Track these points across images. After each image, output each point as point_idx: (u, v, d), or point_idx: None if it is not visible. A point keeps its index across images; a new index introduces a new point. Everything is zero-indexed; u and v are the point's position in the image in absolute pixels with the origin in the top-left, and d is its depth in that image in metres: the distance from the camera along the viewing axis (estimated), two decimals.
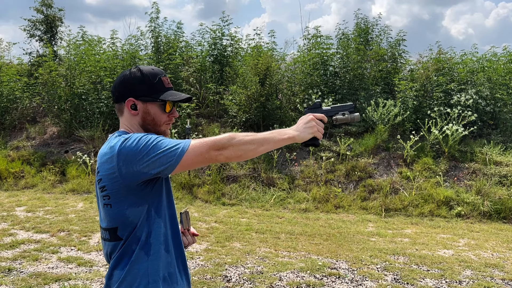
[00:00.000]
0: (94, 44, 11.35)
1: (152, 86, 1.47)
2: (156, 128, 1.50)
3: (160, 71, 1.51)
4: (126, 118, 1.51)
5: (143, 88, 1.47)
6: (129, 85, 1.47)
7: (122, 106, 1.50)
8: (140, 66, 1.50)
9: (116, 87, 1.51)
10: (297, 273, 4.28)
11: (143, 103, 1.48)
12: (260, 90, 9.06)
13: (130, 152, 1.34)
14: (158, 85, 1.48)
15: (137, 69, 1.49)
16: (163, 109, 1.49)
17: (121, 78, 1.50)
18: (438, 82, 9.37)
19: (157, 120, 1.50)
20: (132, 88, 1.47)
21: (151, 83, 1.47)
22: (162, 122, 1.51)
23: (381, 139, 8.62)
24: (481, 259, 4.87)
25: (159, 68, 1.54)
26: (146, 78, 1.47)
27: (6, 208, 6.86)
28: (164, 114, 1.50)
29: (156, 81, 1.48)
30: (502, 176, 7.44)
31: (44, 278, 4.00)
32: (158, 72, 1.50)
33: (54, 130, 10.43)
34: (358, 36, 11.05)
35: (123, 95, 1.48)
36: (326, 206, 7.25)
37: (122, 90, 1.49)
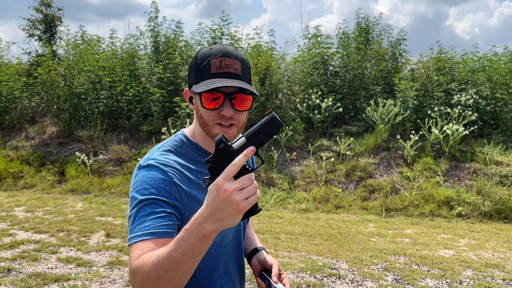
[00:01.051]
0: (93, 44, 11.32)
1: (198, 72, 1.11)
2: (207, 129, 1.14)
3: (218, 51, 1.10)
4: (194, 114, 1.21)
5: (192, 75, 1.14)
6: (188, 72, 1.17)
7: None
8: (202, 48, 1.16)
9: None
10: (297, 274, 4.26)
11: (194, 95, 1.15)
12: (260, 89, 9.04)
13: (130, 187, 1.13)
14: (204, 70, 1.09)
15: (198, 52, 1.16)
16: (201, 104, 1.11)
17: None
18: (439, 81, 9.35)
19: (205, 118, 1.13)
20: (188, 76, 1.17)
21: (197, 67, 1.11)
22: (210, 120, 1.12)
23: (381, 139, 8.60)
24: (481, 259, 4.85)
25: (225, 47, 1.11)
26: (195, 63, 1.13)
27: (5, 208, 6.83)
28: (206, 110, 1.11)
29: (204, 65, 1.10)
30: (503, 176, 7.42)
31: (43, 278, 3.97)
32: (214, 52, 1.11)
33: (53, 130, 10.40)
34: (359, 35, 11.03)
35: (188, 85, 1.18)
36: (326, 206, 7.23)
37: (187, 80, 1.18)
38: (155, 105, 9.61)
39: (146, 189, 1.05)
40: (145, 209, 1.03)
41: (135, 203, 1.05)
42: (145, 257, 0.95)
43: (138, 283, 0.95)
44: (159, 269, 0.91)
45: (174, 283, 0.92)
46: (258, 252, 1.37)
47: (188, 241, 0.89)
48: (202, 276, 1.16)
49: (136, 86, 9.91)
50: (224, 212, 0.86)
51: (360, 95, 9.76)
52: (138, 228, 1.01)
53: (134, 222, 1.02)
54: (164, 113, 9.67)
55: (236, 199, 0.85)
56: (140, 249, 0.98)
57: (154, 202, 1.03)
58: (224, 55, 1.09)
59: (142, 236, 0.99)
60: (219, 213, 0.86)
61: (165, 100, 9.71)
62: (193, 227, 0.89)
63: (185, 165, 1.13)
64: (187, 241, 0.89)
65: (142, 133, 9.56)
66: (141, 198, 1.04)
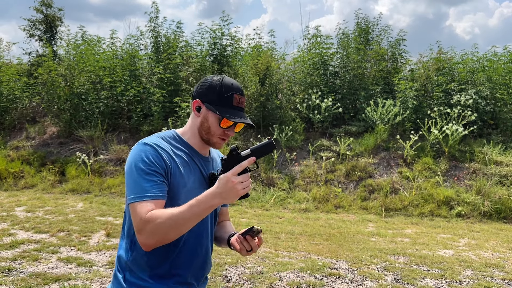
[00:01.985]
0: (94, 44, 11.34)
1: (222, 98, 1.48)
2: (208, 137, 1.52)
3: (238, 89, 1.52)
4: (191, 116, 1.56)
5: (213, 95, 1.49)
6: (204, 87, 1.51)
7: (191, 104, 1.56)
8: (225, 76, 1.53)
9: (196, 85, 1.56)
10: (297, 273, 4.27)
11: (207, 110, 1.50)
12: (260, 90, 9.05)
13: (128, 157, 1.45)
14: (227, 100, 1.49)
15: (220, 77, 1.52)
16: (219, 123, 1.49)
17: (203, 79, 1.55)
18: (438, 82, 9.36)
19: (212, 130, 1.51)
20: (203, 91, 1.51)
21: (221, 94, 1.48)
22: (216, 134, 1.51)
23: (381, 139, 8.62)
24: (481, 259, 4.86)
25: (240, 87, 1.55)
26: (219, 88, 1.49)
27: (6, 208, 6.85)
28: (219, 128, 1.50)
29: (227, 96, 1.49)
30: (502, 176, 7.44)
31: (43, 278, 3.99)
32: (235, 88, 1.51)
33: (54, 130, 10.42)
34: (359, 35, 11.05)
35: (196, 94, 1.53)
36: (326, 206, 7.25)
37: (197, 90, 1.53)
38: (155, 105, 9.63)
39: (144, 161, 1.39)
40: (145, 176, 1.37)
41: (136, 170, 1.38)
42: (156, 212, 1.32)
43: (149, 230, 1.31)
44: (172, 221, 1.31)
45: (178, 233, 1.35)
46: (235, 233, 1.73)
47: (199, 207, 1.33)
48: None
49: (137, 86, 9.93)
50: (229, 194, 1.34)
51: (360, 95, 9.77)
52: (141, 191, 1.35)
53: (136, 185, 1.36)
54: (165, 113, 9.68)
55: (238, 187, 1.34)
56: (145, 206, 1.34)
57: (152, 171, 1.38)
58: (242, 94, 1.53)
59: (145, 197, 1.35)
60: (225, 194, 1.34)
61: (165, 100, 9.72)
62: (205, 199, 1.34)
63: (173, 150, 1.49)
64: (199, 206, 1.33)
65: (143, 133, 9.58)
66: (142, 167, 1.37)
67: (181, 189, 1.45)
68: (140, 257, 1.46)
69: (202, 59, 11.21)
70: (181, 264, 1.51)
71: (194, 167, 1.52)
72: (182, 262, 1.52)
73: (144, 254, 1.45)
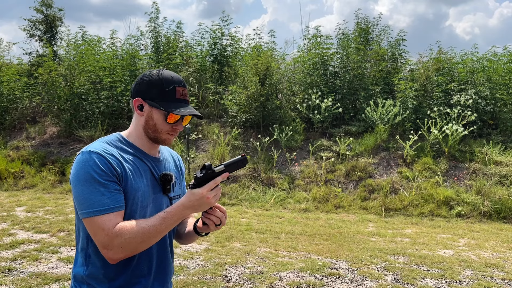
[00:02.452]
0: (94, 44, 11.35)
1: (163, 92, 1.42)
2: (156, 135, 1.47)
3: (179, 81, 1.46)
4: (134, 116, 1.49)
5: (154, 91, 1.43)
6: (142, 85, 1.45)
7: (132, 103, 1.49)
8: (163, 70, 1.46)
9: (135, 83, 1.49)
10: (297, 273, 4.28)
11: (149, 107, 1.44)
12: (260, 90, 9.06)
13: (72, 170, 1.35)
14: (170, 93, 1.43)
15: (157, 71, 1.46)
16: (165, 119, 1.44)
17: (140, 77, 1.48)
18: (438, 82, 9.37)
19: (158, 127, 1.45)
20: (143, 88, 1.44)
21: (163, 89, 1.42)
22: (164, 130, 1.46)
23: (381, 139, 8.62)
24: (481, 259, 4.87)
25: (181, 78, 1.48)
26: (159, 83, 1.42)
27: (6, 208, 6.85)
28: (166, 123, 1.45)
29: (169, 89, 1.43)
30: (502, 176, 7.44)
31: (44, 278, 3.99)
32: (175, 80, 1.45)
33: (54, 130, 10.42)
34: (358, 36, 11.06)
35: (135, 92, 1.46)
36: (326, 206, 7.25)
37: (136, 88, 1.46)
38: None
39: (95, 171, 1.31)
40: (99, 188, 1.30)
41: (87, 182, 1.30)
42: (125, 225, 1.29)
43: (117, 245, 1.28)
44: (144, 235, 1.30)
45: (148, 245, 1.35)
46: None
47: (172, 219, 1.34)
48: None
49: None
50: (201, 207, 1.38)
51: (360, 95, 9.78)
52: (98, 204, 1.29)
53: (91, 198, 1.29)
54: None
55: (212, 201, 1.39)
56: (108, 220, 1.29)
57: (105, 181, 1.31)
58: (183, 85, 1.48)
59: (105, 210, 1.29)
60: (198, 207, 1.38)
61: None
62: (176, 211, 1.35)
63: (120, 154, 1.42)
64: (171, 219, 1.34)
65: None
66: (94, 177, 1.30)
67: (135, 193, 1.40)
68: (97, 270, 1.40)
69: (202, 59, 11.22)
70: (141, 272, 1.46)
71: (145, 169, 1.46)
72: (142, 270, 1.46)
73: (101, 267, 1.39)
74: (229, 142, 8.84)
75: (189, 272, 4.23)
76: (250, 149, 8.89)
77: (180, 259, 4.61)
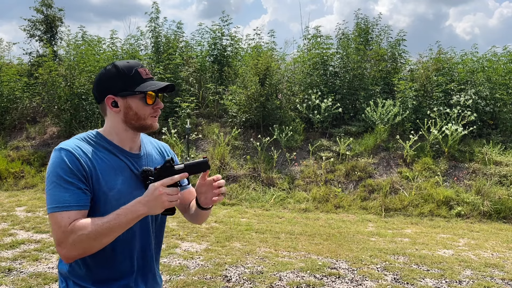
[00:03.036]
0: (94, 44, 11.36)
1: (129, 79, 1.40)
2: (140, 122, 1.44)
3: (137, 63, 1.44)
4: (109, 117, 1.45)
5: (119, 83, 1.40)
6: (106, 82, 1.42)
7: (104, 105, 1.44)
8: (116, 62, 1.44)
9: (95, 87, 1.46)
10: (297, 273, 4.28)
11: (123, 98, 1.41)
12: (260, 90, 9.06)
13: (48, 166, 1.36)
14: (135, 77, 1.41)
15: (112, 65, 1.43)
16: (144, 101, 1.42)
17: (98, 77, 1.45)
18: (438, 82, 9.37)
19: (140, 114, 1.43)
20: (109, 84, 1.41)
21: (127, 76, 1.40)
22: (146, 115, 1.43)
23: (381, 139, 8.63)
24: (481, 259, 4.87)
25: (136, 60, 1.50)
26: (122, 72, 1.40)
27: (6, 208, 6.86)
28: (147, 106, 1.43)
29: (133, 73, 1.41)
30: (502, 176, 7.45)
31: (44, 278, 4.00)
32: (133, 64, 1.43)
33: (54, 130, 10.43)
34: (358, 36, 11.06)
35: (102, 94, 1.43)
36: (326, 206, 7.26)
37: (100, 89, 1.43)
38: None
39: (62, 168, 1.31)
40: (64, 185, 1.30)
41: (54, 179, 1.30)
42: (81, 222, 1.27)
43: (71, 242, 1.26)
44: (97, 232, 1.26)
45: (102, 244, 1.30)
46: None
47: (126, 216, 1.29)
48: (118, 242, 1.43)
49: None
50: (154, 203, 1.31)
51: (360, 96, 9.78)
52: (60, 200, 1.28)
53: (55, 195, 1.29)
54: (165, 113, 9.69)
55: (163, 198, 1.31)
56: (66, 217, 1.27)
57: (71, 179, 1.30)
58: (142, 66, 1.45)
59: (65, 207, 1.28)
60: (151, 203, 1.31)
61: (165, 100, 9.73)
62: (131, 208, 1.30)
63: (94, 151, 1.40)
64: (125, 216, 1.29)
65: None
66: (60, 174, 1.30)
67: (108, 192, 1.36)
68: (78, 267, 1.41)
69: (202, 59, 11.22)
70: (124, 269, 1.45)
71: (122, 167, 1.43)
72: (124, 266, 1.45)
73: (82, 264, 1.39)
74: (229, 142, 8.84)
75: (189, 272, 4.23)
76: (250, 149, 8.90)
77: (180, 259, 4.61)
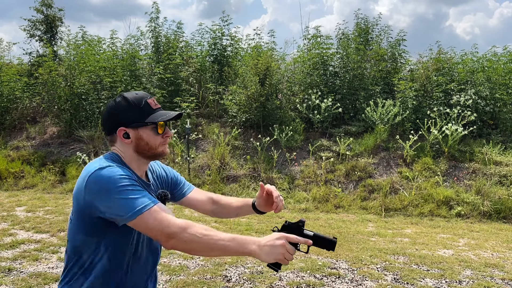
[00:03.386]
0: (94, 44, 11.36)
1: (140, 110, 1.45)
2: (152, 152, 1.49)
3: (145, 94, 1.50)
4: (119, 147, 1.49)
5: (130, 114, 1.45)
6: (117, 115, 1.46)
7: (115, 137, 1.49)
8: (124, 94, 1.48)
9: (105, 120, 1.49)
10: (297, 273, 4.28)
11: (134, 130, 1.46)
12: (260, 90, 9.06)
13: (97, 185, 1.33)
14: (146, 108, 1.46)
15: (121, 97, 1.47)
16: (155, 131, 1.48)
17: (108, 110, 1.48)
18: (438, 82, 9.37)
19: (152, 144, 1.48)
20: (120, 117, 1.45)
21: (137, 108, 1.45)
22: (157, 144, 1.49)
23: (381, 139, 8.63)
24: (481, 259, 4.87)
25: (144, 92, 1.54)
26: (132, 104, 1.45)
27: (6, 208, 6.86)
28: (157, 136, 1.48)
29: (143, 105, 1.46)
30: (502, 176, 7.45)
31: (44, 278, 4.00)
32: (142, 95, 1.48)
33: (54, 130, 10.43)
34: (358, 36, 11.06)
35: (113, 126, 1.47)
36: (326, 206, 7.26)
37: (111, 122, 1.47)
38: None
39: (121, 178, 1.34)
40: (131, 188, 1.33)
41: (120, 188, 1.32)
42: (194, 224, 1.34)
43: (184, 239, 1.31)
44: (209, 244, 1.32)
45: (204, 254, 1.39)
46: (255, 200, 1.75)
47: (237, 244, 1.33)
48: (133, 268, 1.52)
49: (137, 86, 9.94)
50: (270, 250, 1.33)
51: (360, 96, 9.78)
52: (142, 201, 1.32)
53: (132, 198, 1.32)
54: None
55: (282, 252, 1.34)
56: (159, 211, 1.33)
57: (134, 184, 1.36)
58: (150, 97, 1.50)
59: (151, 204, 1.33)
60: (266, 248, 1.33)
61: (165, 100, 9.73)
62: (245, 240, 1.35)
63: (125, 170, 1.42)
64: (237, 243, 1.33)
65: None
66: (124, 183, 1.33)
67: None
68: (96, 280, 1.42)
69: (202, 59, 11.23)
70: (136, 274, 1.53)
71: None
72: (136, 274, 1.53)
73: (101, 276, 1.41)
74: (229, 142, 8.84)
75: (189, 272, 4.24)
76: (250, 149, 8.90)
77: (180, 259, 4.61)
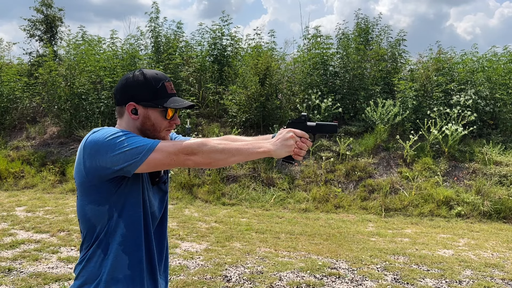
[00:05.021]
0: (94, 44, 11.35)
1: (155, 91, 1.44)
2: (155, 134, 1.48)
3: (164, 76, 1.48)
4: (125, 120, 1.49)
5: (145, 93, 1.44)
6: (131, 89, 1.45)
7: (123, 109, 1.48)
8: (144, 70, 1.47)
9: (118, 90, 1.48)
10: (297, 273, 4.28)
11: (144, 108, 1.45)
12: (260, 90, 9.06)
13: (95, 145, 1.32)
14: (161, 90, 1.45)
15: (140, 72, 1.46)
16: (164, 115, 1.47)
17: (124, 81, 1.47)
18: (438, 82, 9.37)
19: (157, 126, 1.48)
20: (134, 92, 1.44)
21: (153, 88, 1.44)
22: (162, 128, 1.49)
23: (381, 139, 8.63)
24: (481, 259, 4.87)
25: (163, 73, 1.51)
26: (149, 83, 1.44)
27: (6, 208, 6.86)
28: (165, 120, 1.48)
29: (159, 87, 1.45)
30: (502, 176, 7.44)
31: (44, 278, 4.00)
32: (161, 77, 1.47)
33: (54, 130, 10.43)
34: (358, 36, 11.05)
35: (124, 98, 1.46)
36: (326, 206, 7.26)
37: (124, 94, 1.46)
38: None
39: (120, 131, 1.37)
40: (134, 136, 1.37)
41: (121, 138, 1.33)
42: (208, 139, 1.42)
43: (206, 151, 1.35)
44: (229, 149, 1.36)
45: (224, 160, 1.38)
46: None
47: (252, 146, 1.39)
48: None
49: None
50: (281, 144, 1.40)
51: (360, 95, 9.78)
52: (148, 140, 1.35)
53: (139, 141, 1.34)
54: None
55: (292, 142, 1.41)
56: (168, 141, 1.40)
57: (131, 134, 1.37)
58: (168, 80, 1.50)
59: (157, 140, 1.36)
60: (278, 143, 1.40)
61: None
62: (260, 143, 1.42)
63: None
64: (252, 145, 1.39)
65: None
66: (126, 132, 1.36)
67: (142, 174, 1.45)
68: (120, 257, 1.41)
69: (202, 59, 11.22)
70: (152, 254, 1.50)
71: None
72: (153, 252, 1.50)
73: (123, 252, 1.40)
74: None
75: (189, 272, 4.23)
76: None
77: (180, 259, 4.61)
